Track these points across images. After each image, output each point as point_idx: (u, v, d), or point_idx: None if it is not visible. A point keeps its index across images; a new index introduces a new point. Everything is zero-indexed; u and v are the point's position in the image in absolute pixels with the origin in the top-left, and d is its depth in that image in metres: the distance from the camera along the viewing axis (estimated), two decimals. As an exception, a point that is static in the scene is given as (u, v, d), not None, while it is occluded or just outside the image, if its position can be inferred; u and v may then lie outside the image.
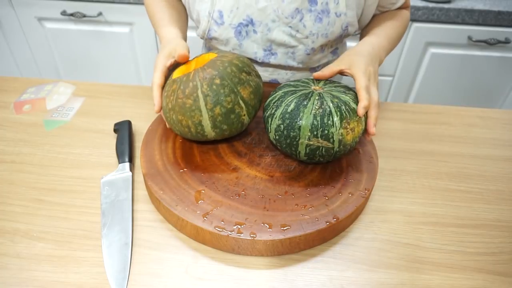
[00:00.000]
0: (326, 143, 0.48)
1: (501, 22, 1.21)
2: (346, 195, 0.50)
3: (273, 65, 0.73)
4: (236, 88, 0.51)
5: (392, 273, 0.45)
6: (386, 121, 0.71)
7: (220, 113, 0.50)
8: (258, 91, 0.54)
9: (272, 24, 0.65)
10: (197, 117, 0.50)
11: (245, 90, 0.52)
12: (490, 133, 0.70)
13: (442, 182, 0.58)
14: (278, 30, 0.66)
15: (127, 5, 1.29)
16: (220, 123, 0.51)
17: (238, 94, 0.51)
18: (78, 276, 0.43)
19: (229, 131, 0.53)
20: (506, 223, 0.52)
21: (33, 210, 0.50)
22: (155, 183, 0.50)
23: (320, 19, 0.64)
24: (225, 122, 0.51)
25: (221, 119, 0.51)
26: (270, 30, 0.66)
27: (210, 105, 0.50)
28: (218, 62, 0.52)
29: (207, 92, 0.49)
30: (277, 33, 0.66)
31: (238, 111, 0.51)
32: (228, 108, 0.50)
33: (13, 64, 1.52)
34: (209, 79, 0.50)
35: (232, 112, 0.51)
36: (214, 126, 0.51)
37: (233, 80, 0.51)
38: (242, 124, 0.54)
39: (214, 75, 0.50)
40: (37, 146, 0.62)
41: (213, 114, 0.50)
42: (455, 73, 1.36)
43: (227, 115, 0.51)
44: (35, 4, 1.32)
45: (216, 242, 0.45)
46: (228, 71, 0.51)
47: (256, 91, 0.54)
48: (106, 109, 0.71)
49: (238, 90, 0.51)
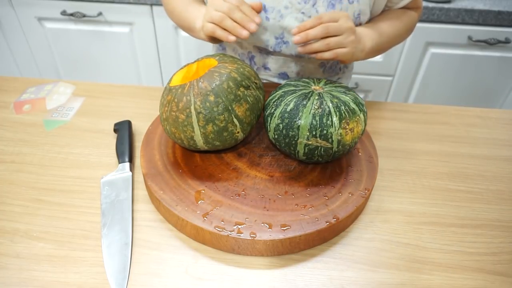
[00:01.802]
0: (325, 143, 0.48)
1: (501, 22, 1.21)
2: (346, 195, 0.50)
3: (284, 54, 0.72)
4: (231, 106, 0.49)
5: (392, 273, 0.45)
6: (386, 121, 0.71)
7: (212, 130, 0.49)
8: (256, 106, 0.53)
9: (285, 11, 0.65)
10: (189, 132, 0.50)
11: (241, 107, 0.50)
12: (490, 133, 0.70)
13: (442, 182, 0.58)
14: (291, 16, 0.65)
15: (127, 5, 1.29)
16: (212, 139, 0.51)
17: (233, 112, 0.49)
18: (78, 276, 0.43)
19: (222, 146, 0.53)
20: (506, 223, 0.52)
21: (33, 210, 0.50)
22: (155, 183, 0.50)
23: (333, 5, 0.64)
24: (218, 139, 0.51)
25: (214, 136, 0.50)
26: (282, 16, 0.65)
27: (202, 122, 0.49)
28: (215, 74, 0.50)
29: (200, 109, 0.48)
30: (289, 20, 0.65)
31: (232, 129, 0.50)
32: (221, 127, 0.49)
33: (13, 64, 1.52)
34: (203, 95, 0.48)
35: (225, 130, 0.50)
36: (206, 142, 0.51)
37: (228, 98, 0.49)
38: (235, 140, 0.53)
39: (208, 92, 0.48)
40: (37, 146, 0.62)
41: (205, 131, 0.49)
42: (455, 73, 1.36)
43: (220, 133, 0.50)
44: (35, 4, 1.33)
45: (216, 242, 0.45)
46: (224, 87, 0.49)
47: (254, 106, 0.52)
48: (106, 109, 0.71)
49: (233, 108, 0.49)
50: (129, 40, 1.39)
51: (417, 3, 0.74)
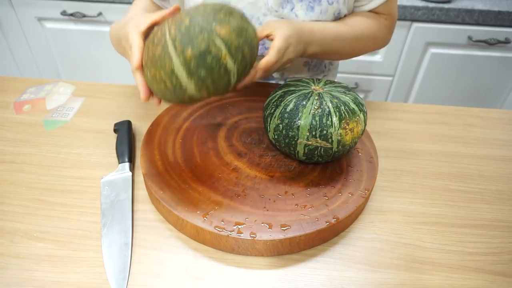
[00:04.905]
0: (325, 143, 0.48)
1: (501, 22, 1.21)
2: (346, 195, 0.50)
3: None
4: (210, 26, 0.42)
5: (392, 273, 0.45)
6: (386, 121, 0.71)
7: (192, 55, 0.42)
8: (243, 33, 0.44)
9: (263, 18, 0.65)
10: (168, 64, 0.43)
11: (223, 28, 0.43)
12: (490, 133, 0.70)
13: (442, 182, 0.58)
14: None
15: (127, 5, 1.29)
16: (196, 67, 0.43)
17: (214, 31, 0.42)
18: (78, 276, 0.43)
19: (211, 79, 0.44)
20: (506, 223, 0.52)
21: (33, 210, 0.50)
22: (155, 183, 0.50)
23: (311, 7, 0.64)
24: (202, 65, 0.43)
25: (196, 62, 0.43)
26: (262, 23, 0.65)
27: (179, 48, 0.42)
28: (193, 8, 0.45)
29: (175, 35, 0.43)
30: None
31: (216, 51, 0.42)
32: (202, 49, 0.42)
33: (13, 64, 1.52)
34: (178, 21, 0.43)
35: (207, 53, 0.42)
36: (190, 73, 0.43)
37: (206, 19, 0.43)
38: (226, 70, 0.44)
39: (183, 17, 0.43)
40: (37, 146, 0.62)
41: (184, 57, 0.42)
42: (455, 73, 1.36)
43: (202, 56, 0.42)
44: (35, 4, 1.33)
45: (216, 242, 0.45)
46: (201, 10, 0.44)
47: (240, 32, 0.44)
48: (106, 109, 0.71)
49: (213, 28, 0.42)
50: (129, 40, 1.39)
51: (390, 10, 0.70)
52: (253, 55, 0.47)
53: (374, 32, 0.69)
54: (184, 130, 0.60)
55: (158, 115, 0.63)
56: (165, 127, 0.61)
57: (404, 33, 1.28)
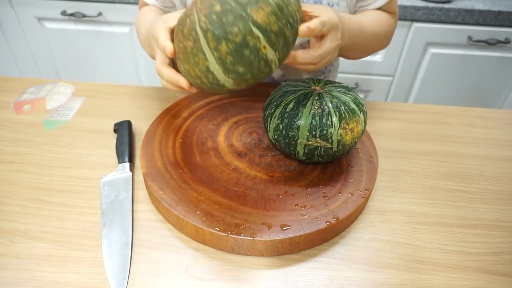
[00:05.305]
0: (325, 143, 0.48)
1: (501, 22, 1.21)
2: (346, 195, 0.50)
3: None
4: (245, 12, 0.37)
5: (392, 273, 0.45)
6: (386, 121, 0.71)
7: (228, 50, 0.38)
8: (283, 11, 0.39)
9: None
10: (202, 62, 0.39)
11: (260, 11, 0.37)
12: (490, 133, 0.70)
13: (442, 182, 0.58)
14: None
15: (127, 5, 1.29)
16: (232, 64, 0.39)
17: (249, 19, 0.37)
18: (78, 276, 0.43)
19: (251, 73, 0.40)
20: (506, 223, 0.52)
21: (33, 210, 0.50)
22: (155, 183, 0.50)
23: None
24: (240, 62, 0.39)
25: (232, 59, 0.38)
26: None
27: (212, 43, 0.38)
28: None
29: (206, 26, 0.38)
30: None
31: (254, 43, 0.38)
32: (238, 42, 0.37)
33: (13, 64, 1.52)
34: (208, 7, 0.38)
35: (245, 47, 0.38)
36: (227, 70, 0.39)
37: (239, 1, 0.37)
38: (265, 62, 0.40)
39: (213, 1, 0.38)
40: (37, 146, 0.62)
41: (219, 54, 0.38)
42: (455, 73, 1.36)
43: (239, 52, 0.38)
44: (35, 4, 1.33)
45: (216, 242, 0.45)
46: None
47: (281, 11, 0.38)
48: (106, 109, 0.71)
49: (248, 13, 0.37)
50: (129, 40, 1.39)
51: (393, 8, 0.71)
52: (296, 32, 0.41)
53: (387, 29, 0.69)
54: (184, 130, 0.60)
55: (158, 115, 0.63)
56: (165, 127, 0.61)
57: (404, 33, 1.28)
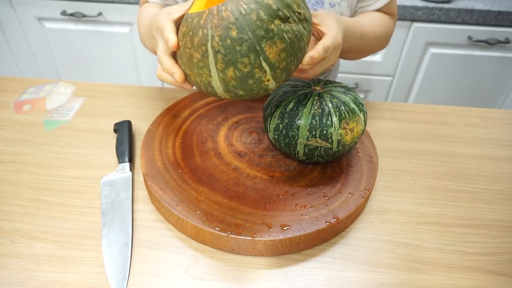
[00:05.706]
0: (325, 143, 0.48)
1: (501, 22, 1.21)
2: (346, 195, 0.50)
3: None
4: (260, 45, 0.37)
5: (392, 273, 0.45)
6: (386, 121, 0.71)
7: (234, 76, 0.39)
8: (295, 46, 0.40)
9: None
10: (205, 76, 0.40)
11: (273, 47, 0.38)
12: (490, 133, 0.70)
13: (442, 182, 0.58)
14: None
15: (127, 5, 1.29)
16: (234, 87, 0.40)
17: (262, 54, 0.38)
18: (78, 276, 0.43)
19: (248, 96, 0.42)
20: (506, 223, 0.52)
21: (33, 210, 0.50)
22: (155, 183, 0.50)
23: (314, 10, 0.64)
24: (241, 87, 0.40)
25: (236, 84, 0.40)
26: None
27: (221, 65, 0.39)
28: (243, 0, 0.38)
29: (219, 48, 0.38)
30: None
31: (259, 76, 0.39)
32: (245, 72, 0.39)
33: (13, 64, 1.52)
34: (224, 28, 0.37)
35: (250, 77, 0.39)
36: (227, 90, 0.41)
37: (256, 33, 0.37)
38: (265, 90, 0.42)
39: (231, 24, 0.37)
40: (37, 146, 0.62)
41: (225, 76, 0.39)
42: (455, 73, 1.36)
43: (243, 80, 0.39)
44: (35, 4, 1.33)
45: (216, 242, 0.45)
46: (253, 18, 0.37)
47: (293, 46, 0.39)
48: (106, 109, 0.71)
49: (262, 48, 0.38)
50: (129, 40, 1.39)
51: (393, 9, 0.71)
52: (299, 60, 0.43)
53: (386, 31, 0.69)
54: (184, 130, 0.60)
55: (158, 115, 0.63)
56: (165, 127, 0.61)
57: (404, 33, 1.28)
